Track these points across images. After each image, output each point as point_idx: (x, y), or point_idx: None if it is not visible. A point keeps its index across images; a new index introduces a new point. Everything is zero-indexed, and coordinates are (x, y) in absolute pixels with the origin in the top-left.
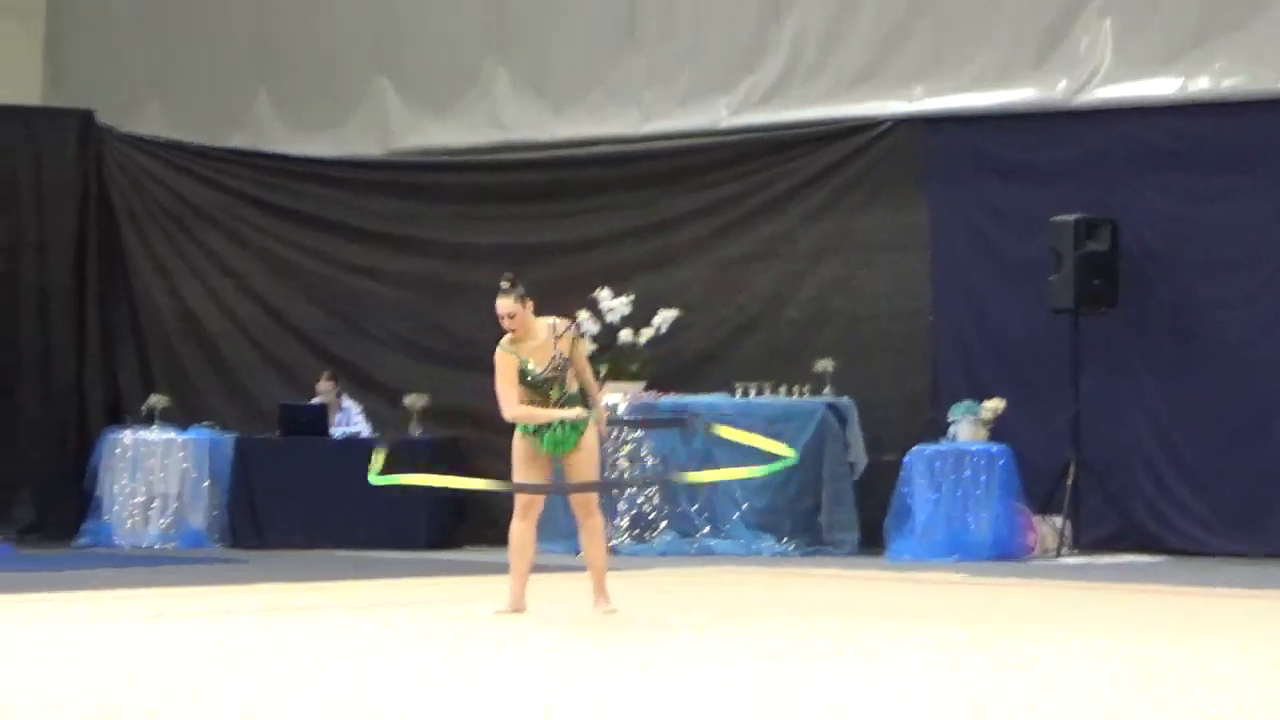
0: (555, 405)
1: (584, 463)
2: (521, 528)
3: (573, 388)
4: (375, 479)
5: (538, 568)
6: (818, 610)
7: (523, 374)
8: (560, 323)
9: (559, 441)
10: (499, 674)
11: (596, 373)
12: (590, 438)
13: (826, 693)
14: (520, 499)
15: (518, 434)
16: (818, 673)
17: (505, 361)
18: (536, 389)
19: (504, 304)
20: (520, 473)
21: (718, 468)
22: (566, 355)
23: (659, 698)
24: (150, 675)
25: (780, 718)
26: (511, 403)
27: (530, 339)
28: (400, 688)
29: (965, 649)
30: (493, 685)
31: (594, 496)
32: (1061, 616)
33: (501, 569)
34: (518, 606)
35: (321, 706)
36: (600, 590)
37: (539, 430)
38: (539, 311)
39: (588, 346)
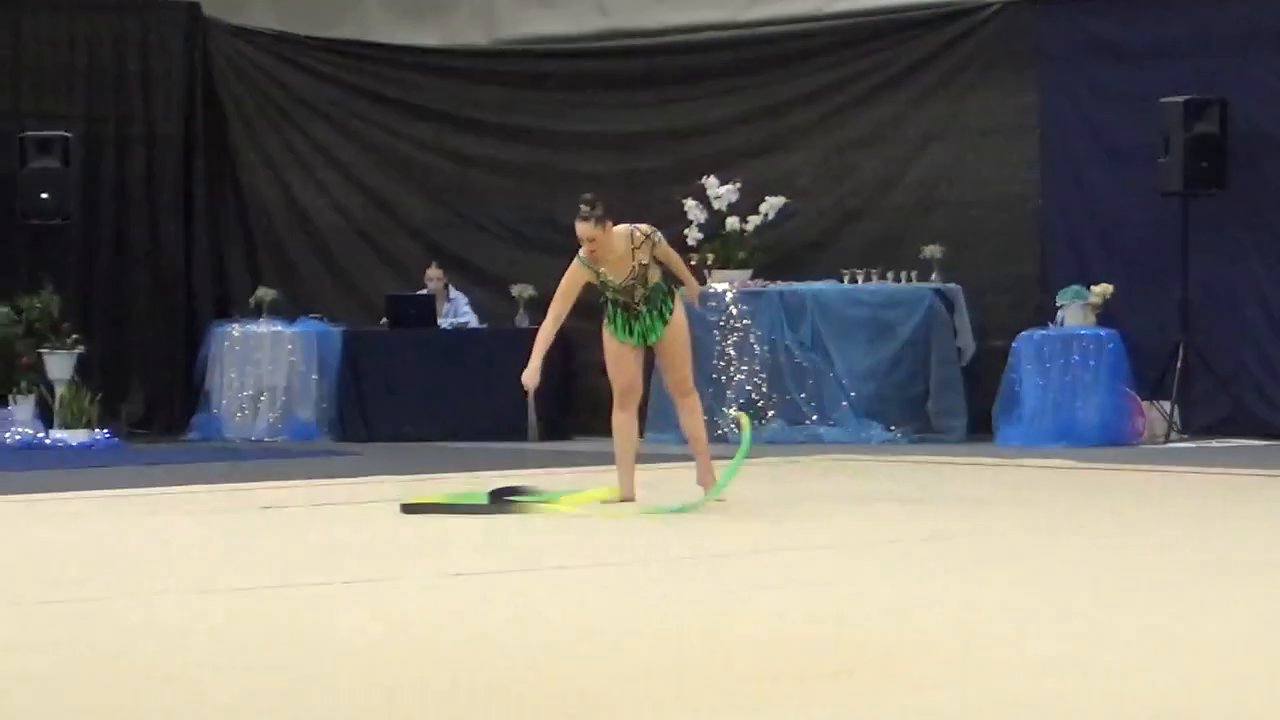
0: (639, 302)
1: (675, 346)
2: (622, 417)
3: (654, 280)
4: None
5: (647, 457)
6: (919, 498)
7: (604, 284)
8: (638, 233)
9: (646, 331)
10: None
11: (704, 259)
12: (677, 323)
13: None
14: (618, 388)
15: (606, 333)
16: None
17: (575, 275)
18: (619, 292)
19: (584, 228)
20: (615, 366)
21: (830, 360)
22: (646, 261)
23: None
24: (253, 562)
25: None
26: (550, 316)
27: (610, 254)
28: (507, 576)
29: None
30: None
31: (689, 375)
32: (1162, 502)
33: (609, 459)
34: (628, 495)
35: (427, 593)
36: (706, 469)
37: (625, 324)
38: (636, 208)
39: (667, 246)
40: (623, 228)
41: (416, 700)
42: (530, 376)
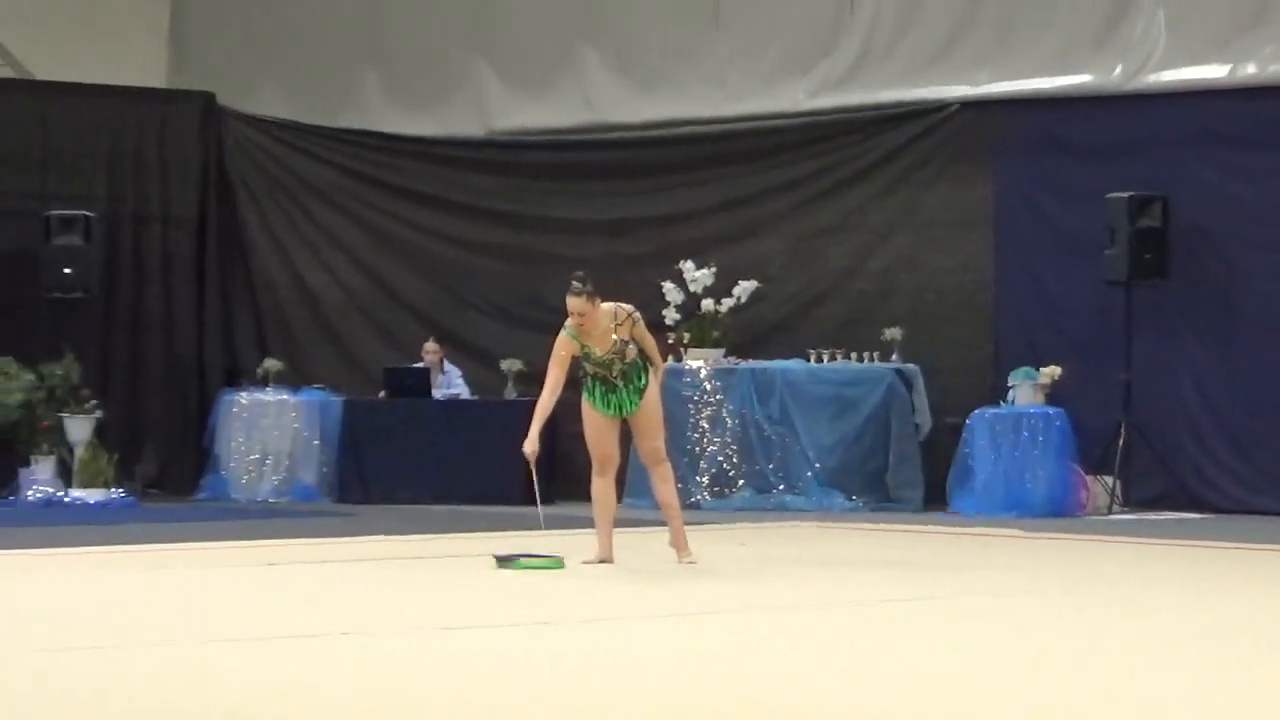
0: (616, 376)
1: (648, 418)
2: (600, 484)
3: (630, 357)
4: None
5: (625, 522)
6: (883, 563)
7: (586, 355)
8: (621, 311)
9: (621, 404)
10: (565, 621)
11: (681, 338)
12: (651, 397)
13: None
14: (596, 457)
15: (585, 405)
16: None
17: (564, 345)
18: (600, 365)
19: (575, 302)
20: (593, 437)
21: (796, 433)
22: (626, 338)
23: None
24: (258, 612)
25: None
26: (547, 387)
27: (595, 328)
28: (472, 626)
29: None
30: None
31: (661, 445)
32: (1107, 570)
33: (588, 523)
34: (604, 556)
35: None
36: (680, 537)
37: (603, 397)
38: (618, 289)
39: (644, 327)
40: (608, 305)
41: None
42: (530, 445)
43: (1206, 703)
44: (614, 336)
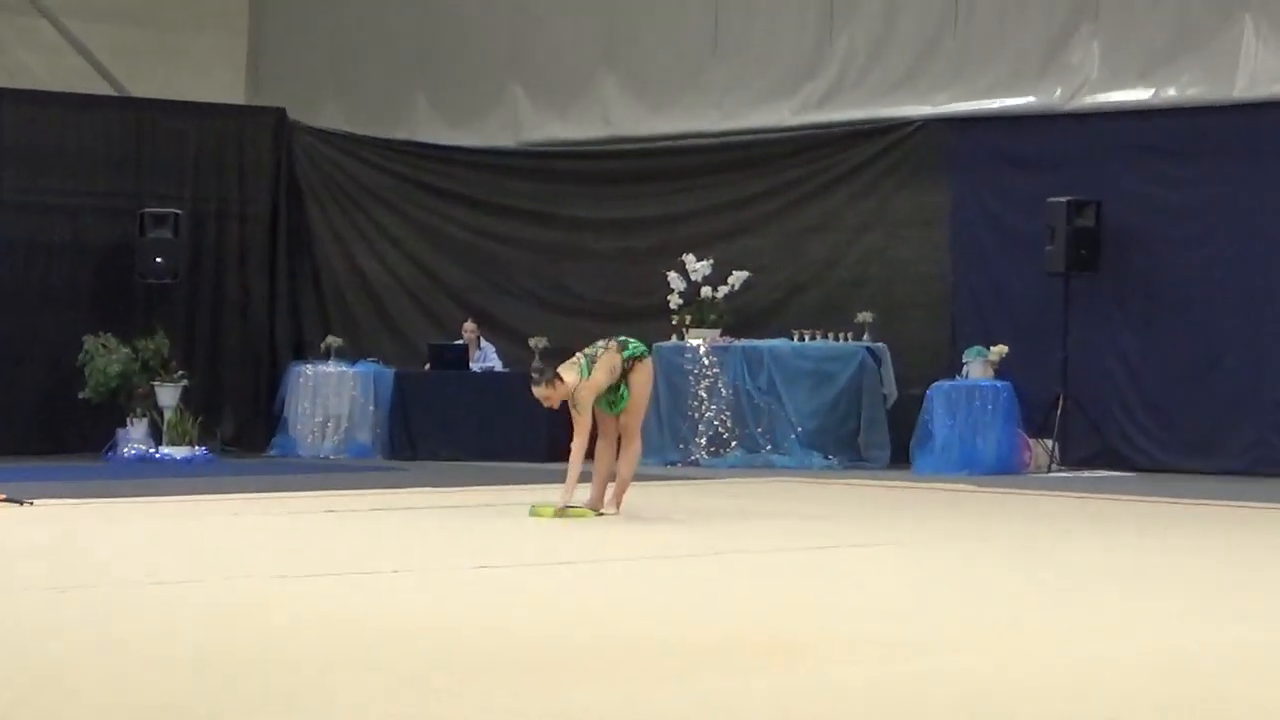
0: (616, 398)
1: (634, 405)
2: (602, 444)
3: (617, 371)
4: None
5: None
6: (848, 516)
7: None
8: (603, 349)
9: (615, 401)
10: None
11: (683, 320)
12: (639, 394)
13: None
14: (602, 429)
15: (596, 408)
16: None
17: (589, 393)
18: (608, 391)
19: (537, 391)
20: (601, 425)
21: (781, 402)
22: (619, 370)
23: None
24: (321, 552)
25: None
26: (577, 442)
27: (572, 388)
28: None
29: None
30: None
31: (637, 427)
32: (1040, 519)
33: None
34: (593, 505)
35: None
36: (616, 500)
37: (606, 403)
38: (629, 279)
39: (608, 356)
40: (572, 362)
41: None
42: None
43: (1052, 626)
44: (619, 376)
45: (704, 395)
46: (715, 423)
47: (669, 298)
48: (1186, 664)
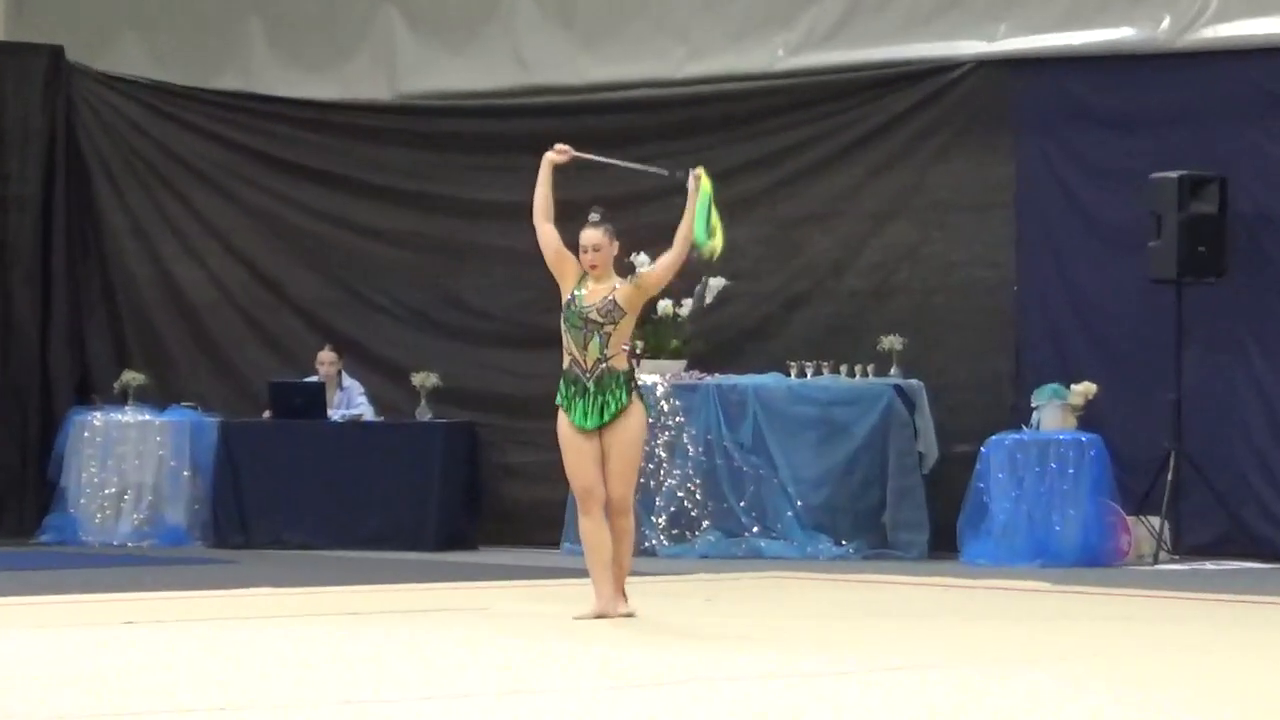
0: (591, 365)
1: (623, 450)
2: (588, 524)
3: (616, 365)
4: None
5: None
6: (870, 622)
7: (569, 301)
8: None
9: (603, 408)
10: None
11: (634, 347)
12: (633, 426)
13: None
14: (578, 491)
15: (560, 422)
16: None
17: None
18: (574, 328)
19: (591, 235)
20: (571, 462)
21: (773, 464)
22: (623, 309)
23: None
24: (119, 686)
25: None
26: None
27: (602, 281)
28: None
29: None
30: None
31: (630, 495)
32: (1153, 630)
33: (523, 573)
34: (602, 610)
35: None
36: (618, 591)
37: (576, 403)
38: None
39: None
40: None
41: None
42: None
43: None
44: (610, 296)
45: (663, 455)
46: (679, 494)
47: None
48: None
